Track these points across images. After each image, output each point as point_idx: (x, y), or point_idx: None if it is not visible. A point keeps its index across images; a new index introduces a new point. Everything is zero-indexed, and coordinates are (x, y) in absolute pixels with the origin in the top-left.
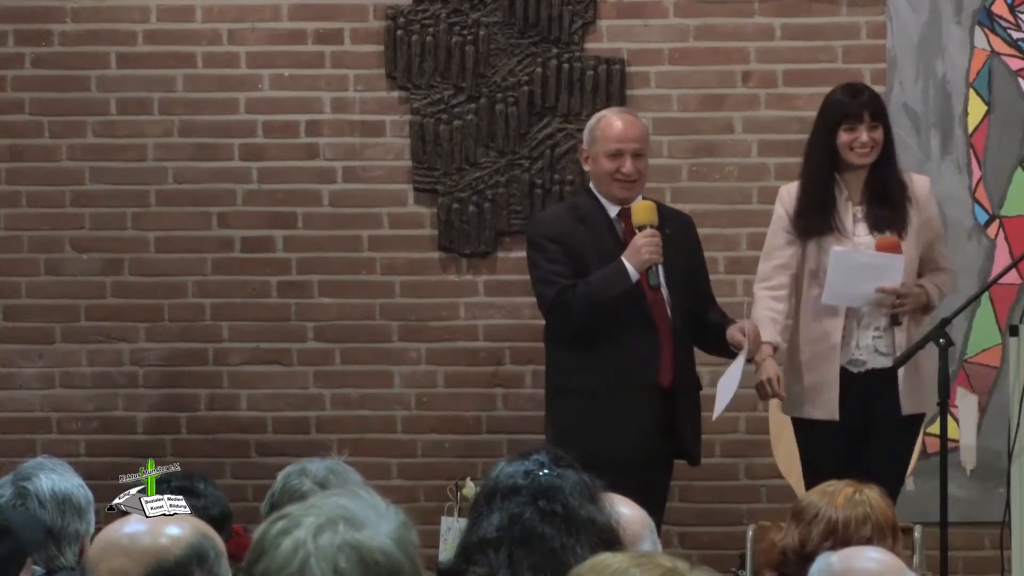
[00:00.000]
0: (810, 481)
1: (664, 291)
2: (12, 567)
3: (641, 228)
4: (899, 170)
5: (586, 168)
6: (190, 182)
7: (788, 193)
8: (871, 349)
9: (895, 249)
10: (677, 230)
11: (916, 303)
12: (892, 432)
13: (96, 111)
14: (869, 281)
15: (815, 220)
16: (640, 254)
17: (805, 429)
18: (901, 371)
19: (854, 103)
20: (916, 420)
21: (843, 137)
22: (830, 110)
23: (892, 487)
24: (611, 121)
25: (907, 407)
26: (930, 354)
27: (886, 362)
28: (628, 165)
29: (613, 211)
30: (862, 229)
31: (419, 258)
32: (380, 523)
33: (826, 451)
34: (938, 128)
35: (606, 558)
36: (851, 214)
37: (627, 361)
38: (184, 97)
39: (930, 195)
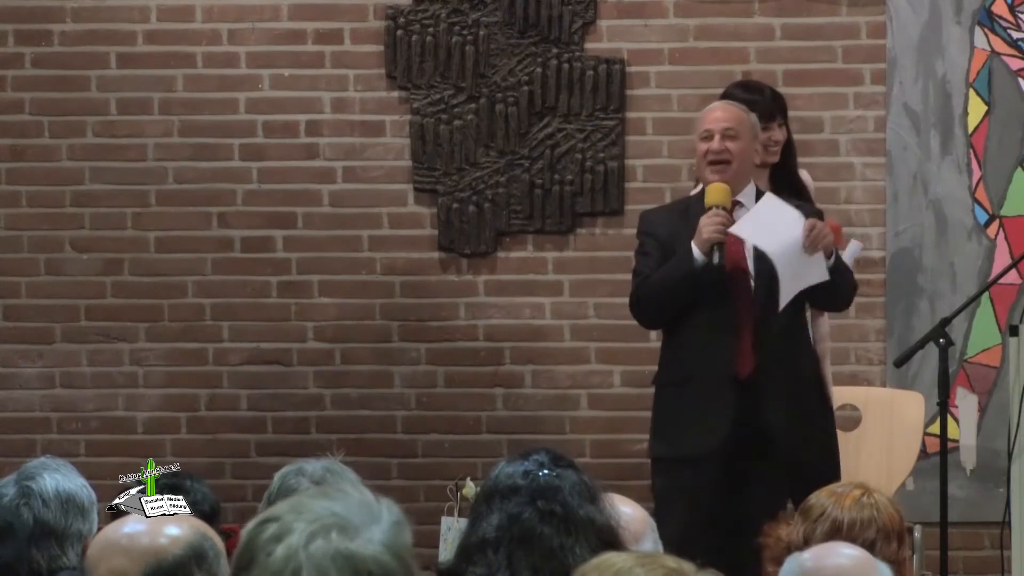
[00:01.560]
0: None
1: (752, 283)
2: (18, 566)
3: (711, 208)
4: (797, 166)
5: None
6: (190, 182)
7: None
8: None
9: (838, 233)
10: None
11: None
12: (822, 424)
13: (96, 111)
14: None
15: None
16: (701, 234)
17: None
18: (824, 364)
19: (766, 101)
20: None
21: (759, 136)
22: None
23: (833, 471)
24: (708, 110)
25: (833, 399)
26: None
27: None
28: (716, 142)
29: None
30: None
31: (419, 258)
32: (373, 528)
33: None
34: (938, 128)
35: (611, 557)
36: None
37: (700, 353)
38: (184, 97)
39: (812, 190)
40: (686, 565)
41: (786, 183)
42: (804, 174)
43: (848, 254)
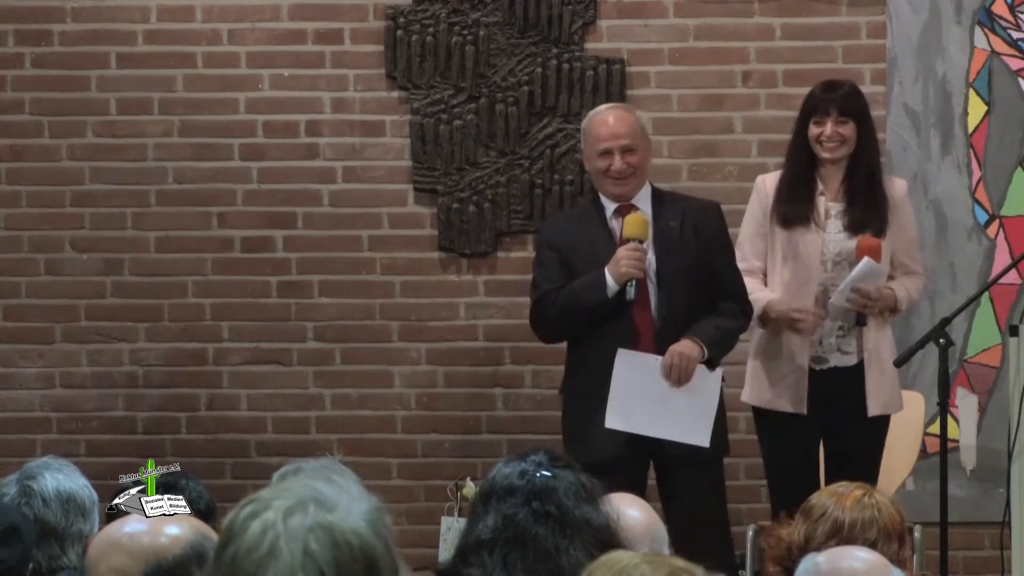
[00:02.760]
0: (776, 475)
1: (651, 289)
2: (22, 568)
3: (628, 241)
4: (879, 171)
5: (587, 168)
6: (190, 182)
7: (764, 184)
8: (834, 347)
9: (876, 250)
10: (688, 222)
11: (884, 305)
12: (858, 432)
13: (96, 111)
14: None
15: (790, 208)
16: (619, 266)
17: (769, 420)
18: (869, 372)
19: (823, 97)
20: (882, 421)
21: (812, 130)
22: (804, 104)
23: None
24: (599, 120)
25: (873, 408)
26: (894, 357)
27: (849, 360)
28: (617, 162)
29: (610, 210)
30: (835, 225)
31: (419, 258)
32: (352, 505)
33: (790, 444)
34: (938, 128)
35: (619, 554)
36: (824, 209)
37: (603, 363)
38: (184, 97)
39: (905, 198)
40: (696, 567)
41: (859, 183)
42: (898, 183)
43: (860, 273)
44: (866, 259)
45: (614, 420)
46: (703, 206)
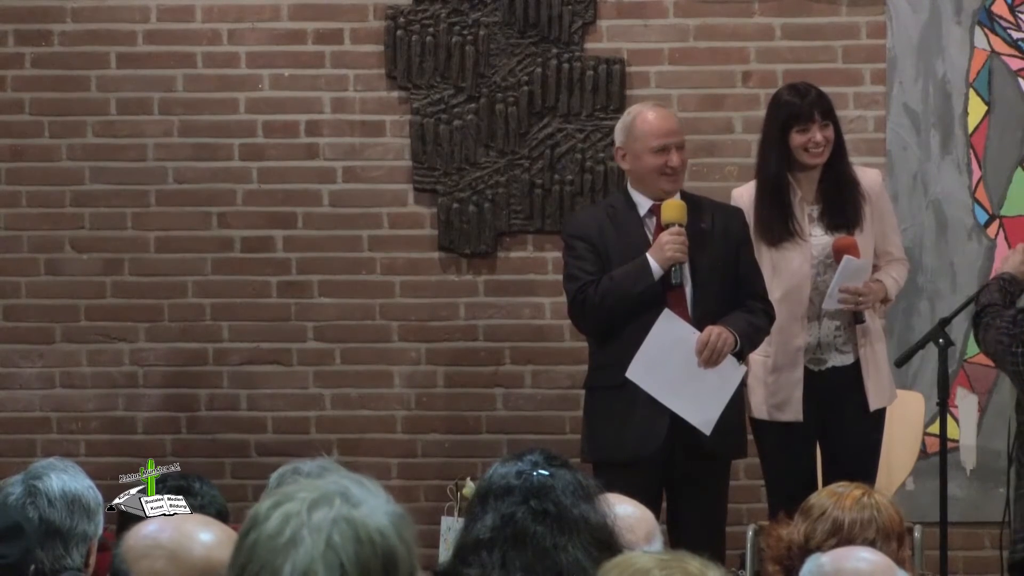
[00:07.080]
0: (775, 483)
1: (687, 287)
2: (25, 567)
3: (669, 226)
4: (850, 166)
5: (623, 166)
6: (190, 182)
7: (741, 198)
8: (832, 347)
9: (852, 248)
10: (718, 223)
11: (875, 299)
12: (860, 428)
13: (96, 111)
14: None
15: (774, 225)
16: (663, 251)
17: (771, 432)
18: (866, 367)
19: (804, 103)
20: (880, 414)
21: (796, 139)
22: (780, 112)
23: (866, 483)
24: (648, 117)
25: (874, 403)
26: (888, 349)
27: (847, 359)
28: (675, 158)
29: (644, 208)
30: (817, 229)
31: (419, 258)
32: (378, 504)
33: (793, 453)
34: (938, 128)
35: (633, 556)
36: (806, 215)
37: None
38: (184, 97)
39: (882, 188)
40: (711, 569)
41: (833, 182)
42: (871, 173)
43: (843, 273)
44: (846, 258)
45: (635, 373)
46: (729, 209)
